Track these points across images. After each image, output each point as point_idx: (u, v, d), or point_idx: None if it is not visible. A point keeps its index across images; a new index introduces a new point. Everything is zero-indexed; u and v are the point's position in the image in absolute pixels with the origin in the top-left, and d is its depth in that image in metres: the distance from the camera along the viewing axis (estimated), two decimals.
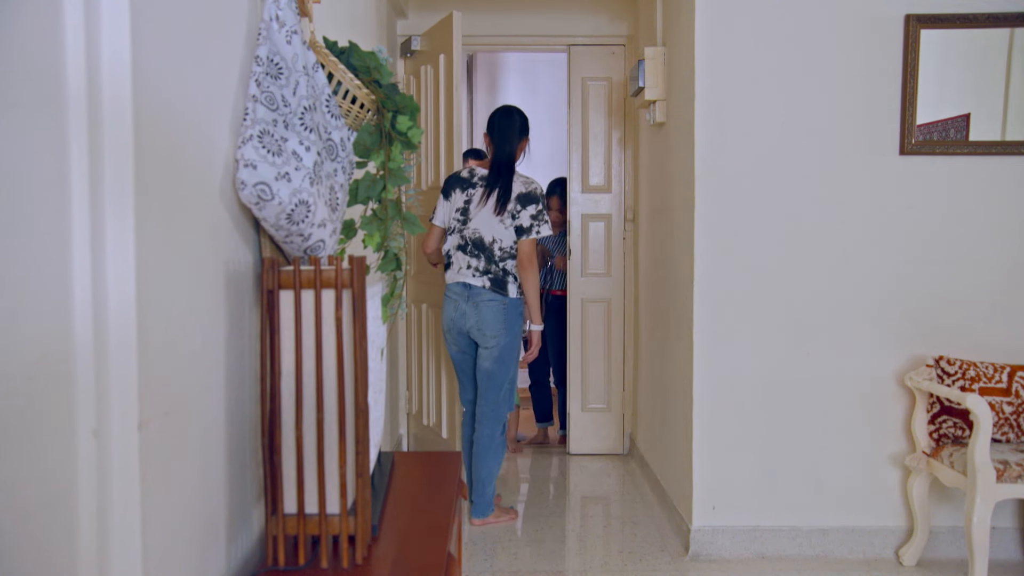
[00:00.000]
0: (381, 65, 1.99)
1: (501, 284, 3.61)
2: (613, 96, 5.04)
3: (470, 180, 3.76)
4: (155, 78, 1.20)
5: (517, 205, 3.63)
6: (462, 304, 3.65)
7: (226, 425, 1.50)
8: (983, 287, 3.41)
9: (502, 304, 3.61)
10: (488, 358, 3.65)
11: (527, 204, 3.62)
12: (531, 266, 3.60)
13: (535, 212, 3.62)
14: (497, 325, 3.61)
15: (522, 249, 3.61)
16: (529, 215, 3.62)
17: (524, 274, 3.62)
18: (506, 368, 3.67)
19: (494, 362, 3.63)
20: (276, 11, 1.61)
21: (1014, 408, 3.19)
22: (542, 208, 3.65)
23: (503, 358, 3.64)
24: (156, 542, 1.19)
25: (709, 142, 3.41)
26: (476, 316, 3.62)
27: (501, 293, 3.61)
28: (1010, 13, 3.31)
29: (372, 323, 1.69)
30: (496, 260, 3.62)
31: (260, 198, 1.51)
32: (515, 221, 3.62)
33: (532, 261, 3.60)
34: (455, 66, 4.18)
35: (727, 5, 3.40)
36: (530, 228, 3.62)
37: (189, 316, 1.35)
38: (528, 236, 3.61)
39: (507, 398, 3.71)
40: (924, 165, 3.40)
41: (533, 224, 3.62)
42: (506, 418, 3.75)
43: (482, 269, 3.61)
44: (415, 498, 1.95)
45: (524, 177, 3.72)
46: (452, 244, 3.73)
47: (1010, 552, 3.44)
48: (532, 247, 3.61)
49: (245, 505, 1.62)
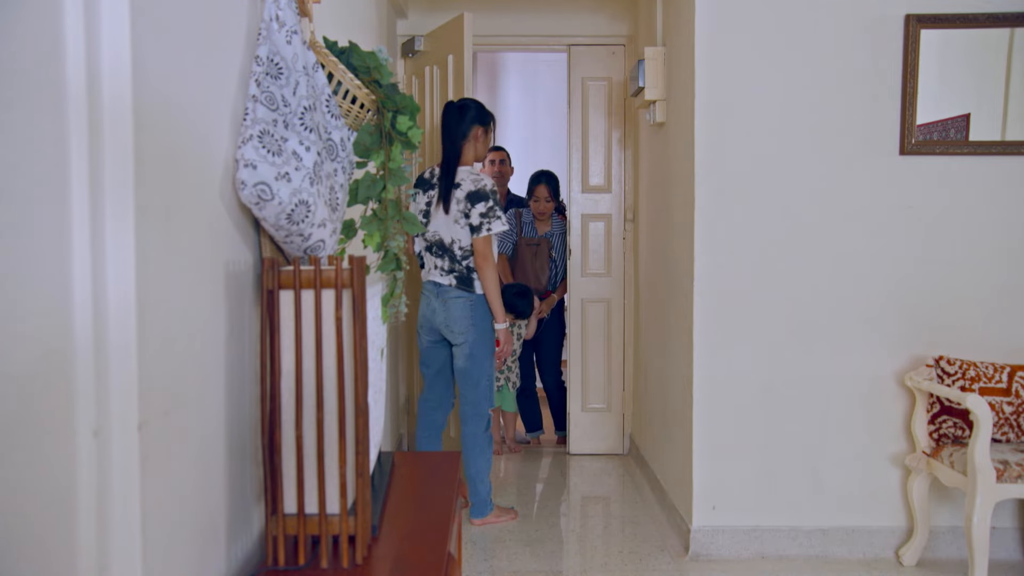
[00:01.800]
0: (381, 65, 1.99)
1: (467, 281, 3.59)
2: (613, 96, 5.04)
3: (430, 181, 3.76)
4: (155, 78, 1.20)
5: (467, 204, 3.57)
6: (433, 301, 3.65)
7: (226, 425, 1.50)
8: (983, 287, 3.41)
9: (469, 301, 3.59)
10: (461, 356, 3.64)
11: (476, 202, 3.56)
12: (486, 264, 3.55)
13: (484, 210, 3.55)
14: (464, 322, 3.59)
15: (476, 248, 3.56)
16: (479, 213, 3.55)
17: (480, 272, 3.57)
18: (480, 364, 3.64)
19: (467, 359, 3.61)
20: (276, 11, 1.61)
21: (1014, 408, 3.19)
22: (492, 205, 3.58)
23: (475, 354, 3.61)
24: (156, 542, 1.19)
25: (709, 142, 3.41)
26: (445, 313, 3.60)
27: (468, 290, 3.59)
28: (1010, 13, 3.31)
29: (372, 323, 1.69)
30: (459, 259, 3.59)
31: (260, 198, 1.51)
32: (467, 220, 3.57)
33: (487, 259, 3.55)
34: (465, 67, 4.19)
35: (727, 5, 3.40)
36: (480, 226, 3.56)
37: (189, 316, 1.35)
38: (479, 234, 3.55)
39: (486, 394, 3.68)
40: (924, 165, 3.40)
41: (483, 222, 3.56)
42: (489, 415, 3.73)
43: (447, 268, 3.60)
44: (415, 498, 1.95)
45: (474, 175, 3.64)
46: (420, 246, 3.76)
47: (1010, 552, 3.44)
48: (486, 245, 3.55)
49: (245, 505, 1.62)
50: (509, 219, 5.15)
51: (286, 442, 1.51)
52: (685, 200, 3.56)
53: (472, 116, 3.70)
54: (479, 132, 3.72)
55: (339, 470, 1.50)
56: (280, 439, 1.50)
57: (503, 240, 5.14)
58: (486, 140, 3.78)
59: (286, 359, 1.51)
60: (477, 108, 3.75)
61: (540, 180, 5.15)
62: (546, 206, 5.14)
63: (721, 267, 3.43)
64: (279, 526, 1.51)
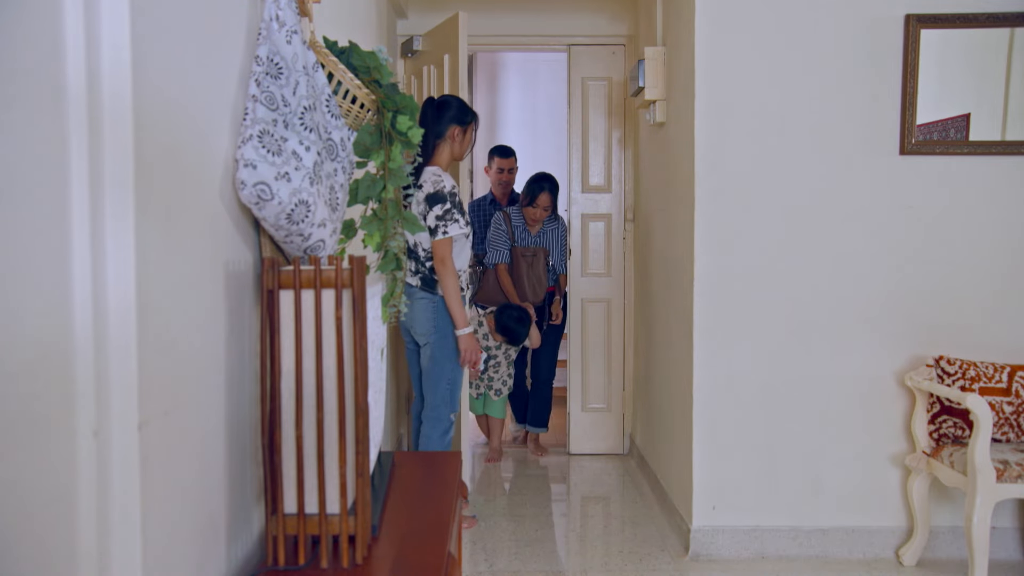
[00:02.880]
0: (381, 65, 1.99)
1: (430, 283, 3.53)
2: (613, 96, 5.04)
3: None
4: (155, 78, 1.20)
5: (426, 206, 3.48)
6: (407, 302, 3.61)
7: (226, 425, 1.50)
8: (983, 287, 3.41)
9: (432, 303, 3.52)
10: (424, 357, 3.58)
11: (434, 204, 3.47)
12: (444, 268, 3.46)
13: (441, 212, 3.45)
14: (427, 323, 3.53)
15: (434, 251, 3.47)
16: (435, 215, 3.46)
17: (439, 277, 3.48)
18: (440, 367, 3.55)
19: (428, 360, 3.56)
20: (276, 11, 1.61)
21: (1014, 408, 3.19)
22: (450, 207, 3.47)
23: (436, 356, 3.54)
24: (156, 542, 1.19)
25: (709, 142, 3.41)
26: (411, 313, 3.56)
27: (431, 292, 3.52)
28: (1010, 13, 3.31)
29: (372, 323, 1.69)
30: (422, 261, 3.54)
31: (260, 198, 1.51)
32: (425, 222, 3.49)
33: (444, 263, 3.45)
34: (460, 66, 4.18)
35: (727, 5, 3.40)
36: (436, 229, 3.46)
37: (189, 316, 1.35)
38: (436, 237, 3.46)
39: (446, 399, 3.58)
40: (924, 165, 3.41)
41: (439, 225, 3.46)
42: (449, 420, 3.62)
43: (414, 270, 3.56)
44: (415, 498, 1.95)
45: (435, 176, 3.54)
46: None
47: (1010, 552, 3.44)
48: (444, 248, 3.45)
49: (245, 505, 1.62)
50: (498, 224, 4.99)
51: (286, 442, 1.50)
52: (685, 200, 3.56)
53: (451, 115, 3.58)
54: (456, 132, 3.59)
55: (339, 470, 1.50)
56: (280, 439, 1.50)
57: (500, 249, 4.97)
58: (465, 140, 3.66)
59: (286, 359, 1.51)
60: (458, 106, 3.63)
61: (543, 188, 4.89)
62: (543, 215, 4.93)
63: (721, 267, 3.43)
64: (279, 526, 1.50)
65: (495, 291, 4.98)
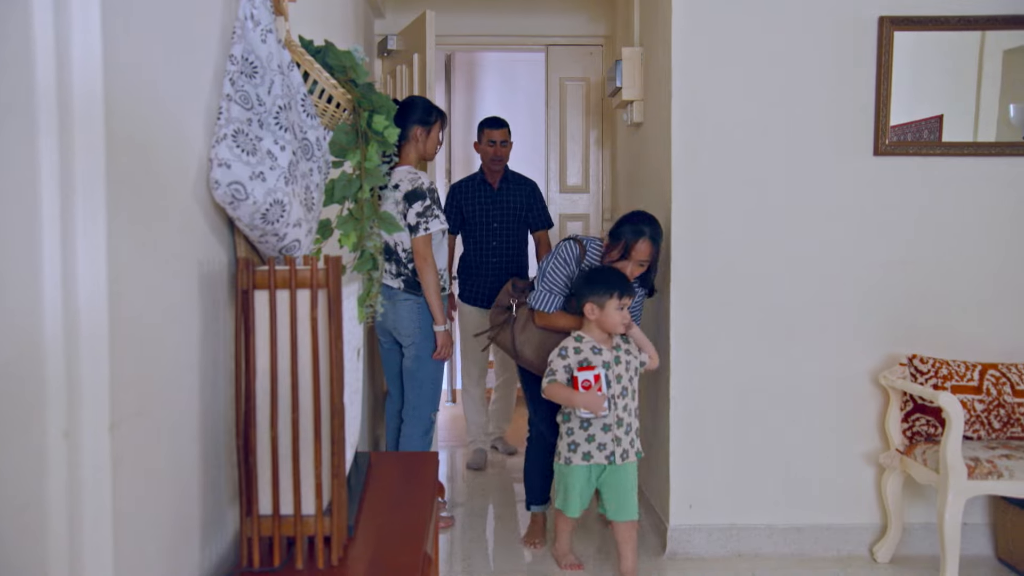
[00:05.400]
0: (357, 64, 1.98)
1: (414, 285, 3.53)
2: (591, 96, 5.05)
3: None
4: (127, 77, 1.19)
5: (405, 204, 3.48)
6: (385, 303, 3.58)
7: (200, 426, 1.49)
8: (956, 286, 3.45)
9: (416, 303, 3.53)
10: (408, 356, 3.59)
11: (413, 201, 3.47)
12: (425, 264, 3.47)
13: (421, 209, 3.46)
14: (411, 324, 3.54)
15: (415, 248, 3.48)
16: (415, 212, 3.46)
17: (420, 273, 3.50)
18: (425, 367, 3.58)
19: (413, 360, 3.57)
20: (251, 10, 1.60)
21: (985, 406, 3.23)
22: (429, 203, 3.47)
23: (421, 357, 3.56)
24: (128, 544, 1.18)
25: (686, 142, 3.43)
26: (394, 315, 3.55)
27: (415, 293, 3.53)
28: (980, 16, 3.35)
29: (348, 323, 1.69)
30: (404, 263, 3.54)
31: (234, 197, 1.51)
32: (405, 220, 3.49)
33: (425, 260, 3.47)
34: (428, 65, 4.17)
35: (704, 6, 3.41)
36: (417, 226, 3.47)
37: (162, 316, 1.34)
38: (417, 234, 3.47)
39: (430, 398, 3.62)
40: (898, 165, 3.44)
41: (420, 222, 3.46)
42: (430, 420, 3.65)
43: (395, 272, 3.55)
44: (392, 498, 1.95)
45: (412, 174, 3.53)
46: None
47: (981, 547, 3.48)
48: (424, 245, 3.46)
49: (219, 506, 1.61)
50: (567, 256, 3.33)
51: (261, 443, 1.50)
52: (662, 200, 3.57)
53: (414, 116, 3.59)
54: (419, 132, 3.60)
55: (314, 471, 1.50)
56: (255, 440, 1.49)
57: (552, 292, 3.35)
58: (429, 140, 3.65)
59: (261, 359, 1.50)
60: (422, 107, 3.64)
61: (643, 233, 3.22)
62: (637, 272, 3.26)
63: (697, 267, 3.45)
64: (254, 527, 1.50)
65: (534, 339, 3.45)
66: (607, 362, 3.12)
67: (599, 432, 3.14)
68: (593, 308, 3.10)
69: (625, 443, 3.16)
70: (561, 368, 3.12)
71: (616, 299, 3.07)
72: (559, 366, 3.13)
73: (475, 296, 4.66)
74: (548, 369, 3.16)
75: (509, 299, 3.56)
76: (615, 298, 3.07)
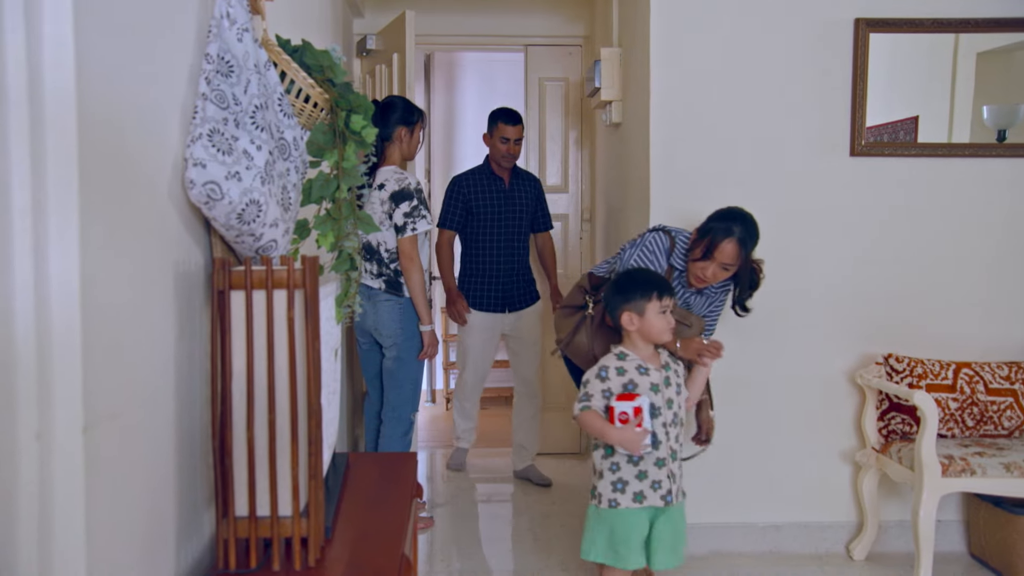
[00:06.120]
0: (334, 64, 1.98)
1: (396, 285, 3.52)
2: (570, 96, 5.06)
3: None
4: (100, 76, 1.18)
5: (391, 204, 3.47)
6: (365, 303, 3.56)
7: (176, 427, 1.48)
8: (931, 285, 3.49)
9: (398, 304, 3.53)
10: (389, 358, 3.59)
11: (400, 201, 3.46)
12: (412, 265, 3.47)
13: (408, 209, 3.46)
14: (393, 325, 3.53)
15: (401, 248, 3.48)
16: (402, 213, 3.46)
17: (405, 274, 3.50)
18: (406, 368, 3.58)
19: (394, 361, 3.56)
20: (227, 8, 1.59)
21: (959, 404, 3.27)
22: (416, 204, 3.47)
23: (402, 358, 3.56)
24: (101, 548, 1.17)
25: (664, 142, 3.44)
26: (375, 316, 3.54)
27: (397, 294, 3.52)
28: (954, 19, 3.39)
29: (325, 323, 1.68)
30: (386, 263, 3.53)
31: (210, 197, 1.50)
32: (392, 221, 3.49)
33: (412, 260, 3.47)
34: (408, 65, 4.16)
35: (682, 7, 3.43)
36: (404, 226, 3.46)
37: (137, 317, 1.33)
38: (404, 235, 3.47)
39: (410, 399, 3.61)
40: (874, 166, 3.47)
41: (407, 222, 3.46)
42: (410, 421, 3.64)
43: (376, 272, 3.54)
44: (370, 499, 1.95)
45: (398, 174, 3.53)
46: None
47: (954, 544, 3.52)
48: (411, 246, 3.46)
49: (195, 508, 1.60)
50: (655, 248, 3.00)
51: (237, 444, 1.49)
52: (641, 200, 3.59)
53: (396, 116, 3.60)
54: (403, 132, 3.61)
55: (291, 472, 1.49)
56: (231, 441, 1.48)
57: None
58: (412, 140, 3.67)
59: (237, 360, 1.49)
60: (403, 107, 3.64)
61: (730, 233, 2.89)
62: (720, 276, 2.95)
63: None
64: (230, 529, 1.49)
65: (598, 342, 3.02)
66: (655, 384, 2.57)
67: (652, 468, 2.57)
68: (631, 317, 2.57)
69: (678, 479, 2.65)
70: (599, 393, 2.57)
71: (656, 301, 2.55)
72: (596, 390, 2.57)
73: (482, 300, 4.38)
74: (582, 392, 2.62)
75: (583, 297, 3.07)
76: (655, 300, 2.55)
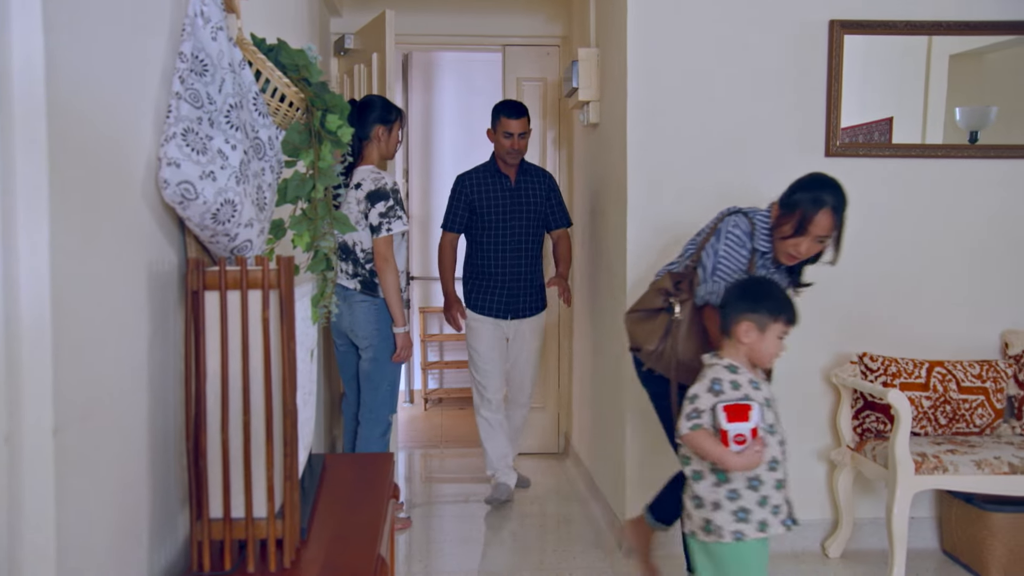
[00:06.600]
0: (310, 63, 1.97)
1: (371, 286, 3.49)
2: (548, 96, 5.06)
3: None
4: (71, 74, 1.16)
5: (367, 204, 3.44)
6: (341, 304, 3.51)
7: (149, 429, 1.47)
8: (905, 285, 3.53)
9: (373, 305, 3.49)
10: (365, 359, 3.56)
11: (376, 201, 3.43)
12: (386, 266, 3.44)
13: (384, 209, 3.43)
14: (369, 326, 3.50)
15: (376, 249, 3.45)
16: (378, 213, 3.43)
17: (380, 275, 3.46)
18: (382, 369, 3.55)
19: (370, 362, 3.54)
20: (201, 7, 1.58)
21: (932, 402, 3.30)
22: (392, 204, 3.44)
23: (378, 359, 3.53)
24: (72, 552, 1.16)
25: (641, 142, 3.45)
26: (350, 317, 3.51)
27: (372, 295, 3.49)
28: (927, 21, 3.43)
29: (301, 324, 1.67)
30: (362, 263, 3.49)
31: (184, 197, 1.49)
32: (367, 221, 3.46)
33: (387, 261, 3.43)
34: (388, 64, 4.15)
35: (659, 7, 3.44)
36: (380, 226, 3.43)
37: (109, 318, 1.31)
38: (379, 235, 3.43)
39: (386, 400, 3.59)
40: (849, 166, 3.49)
41: (383, 222, 3.43)
42: (388, 421, 3.62)
43: (351, 272, 3.50)
44: (346, 500, 1.94)
45: (375, 173, 3.50)
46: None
47: (927, 541, 3.56)
48: (386, 246, 3.43)
49: (169, 511, 1.58)
50: (738, 235, 2.72)
51: (211, 445, 1.48)
52: (618, 200, 3.60)
53: (374, 115, 3.58)
54: (380, 131, 3.59)
55: (266, 473, 1.48)
56: (205, 442, 1.47)
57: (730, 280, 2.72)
58: (391, 139, 3.64)
59: (211, 361, 1.48)
60: (381, 106, 3.62)
61: (824, 203, 2.67)
62: (814, 250, 2.72)
63: (653, 267, 3.47)
64: (204, 531, 1.48)
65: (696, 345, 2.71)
66: (768, 399, 2.38)
67: (773, 491, 2.32)
68: (750, 329, 2.34)
69: (791, 500, 2.41)
70: (710, 409, 2.29)
71: (782, 324, 2.37)
72: (707, 405, 2.29)
73: (489, 305, 4.18)
74: (689, 408, 2.32)
75: (664, 299, 2.77)
76: (781, 323, 2.36)
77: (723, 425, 2.25)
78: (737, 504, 2.30)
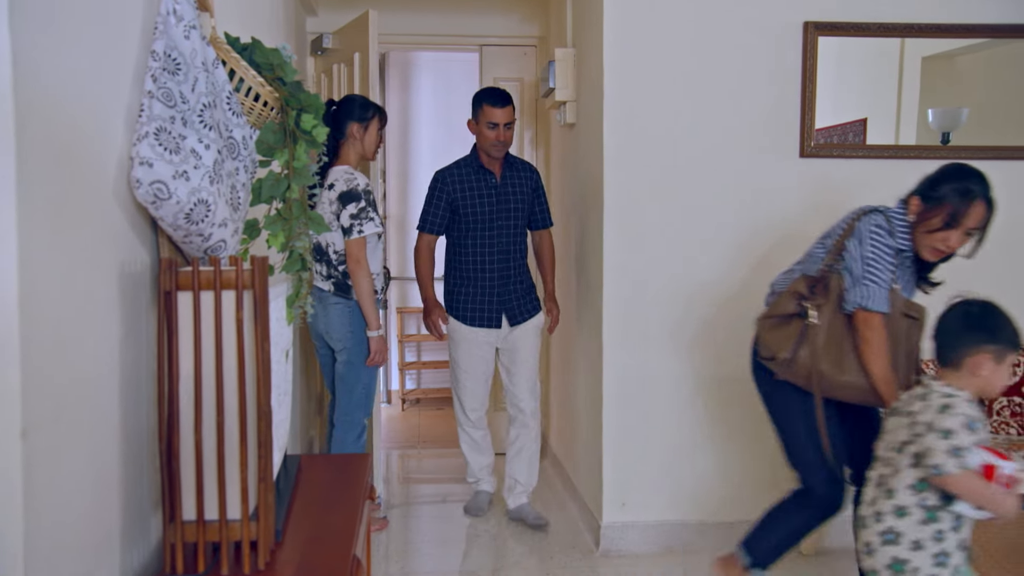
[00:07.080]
0: (284, 63, 1.96)
1: (344, 288, 3.45)
2: (525, 96, 5.07)
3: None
4: (39, 72, 1.15)
5: (339, 205, 3.39)
6: (316, 305, 3.46)
7: (121, 431, 1.46)
8: None
9: (347, 307, 3.46)
10: (340, 361, 3.53)
11: (347, 202, 3.38)
12: (358, 268, 3.38)
13: (355, 211, 3.37)
14: (343, 328, 3.47)
15: (348, 250, 3.39)
16: (349, 214, 3.37)
17: (352, 277, 3.41)
18: (356, 372, 3.51)
19: (344, 365, 3.51)
20: (173, 5, 1.56)
21: None
22: (364, 205, 3.39)
23: (352, 361, 3.49)
24: (41, 553, 1.14)
25: (618, 143, 3.46)
26: (325, 319, 3.48)
27: (346, 296, 3.45)
28: (899, 23, 3.46)
29: (276, 324, 1.66)
30: (335, 265, 3.45)
31: (157, 197, 1.47)
32: (339, 222, 3.41)
33: (359, 263, 3.38)
34: (371, 65, 4.13)
35: (635, 8, 3.45)
36: (351, 228, 3.38)
37: (80, 318, 1.30)
38: (350, 236, 3.38)
39: (361, 403, 3.55)
40: (823, 167, 3.53)
41: (353, 224, 3.38)
42: (362, 424, 3.58)
43: (325, 274, 3.47)
44: (322, 501, 1.93)
45: (348, 174, 3.45)
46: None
47: None
48: (358, 248, 3.38)
49: (142, 513, 1.57)
50: (880, 234, 2.62)
51: (184, 447, 1.47)
52: (595, 200, 3.60)
53: (350, 115, 3.53)
54: (355, 129, 3.52)
55: (240, 474, 1.47)
56: (178, 444, 1.46)
57: (880, 285, 2.55)
58: (368, 137, 3.56)
59: (185, 362, 1.47)
60: (359, 104, 3.58)
61: (975, 195, 2.53)
62: (961, 242, 2.58)
63: (630, 267, 3.49)
64: (177, 533, 1.47)
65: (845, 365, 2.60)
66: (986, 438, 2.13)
67: (969, 534, 2.17)
68: (987, 361, 2.13)
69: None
70: (973, 446, 2.03)
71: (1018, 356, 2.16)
72: (968, 442, 2.03)
73: (476, 315, 3.83)
74: (950, 446, 2.02)
75: (798, 303, 2.64)
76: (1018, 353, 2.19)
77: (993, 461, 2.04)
78: (940, 547, 2.11)
